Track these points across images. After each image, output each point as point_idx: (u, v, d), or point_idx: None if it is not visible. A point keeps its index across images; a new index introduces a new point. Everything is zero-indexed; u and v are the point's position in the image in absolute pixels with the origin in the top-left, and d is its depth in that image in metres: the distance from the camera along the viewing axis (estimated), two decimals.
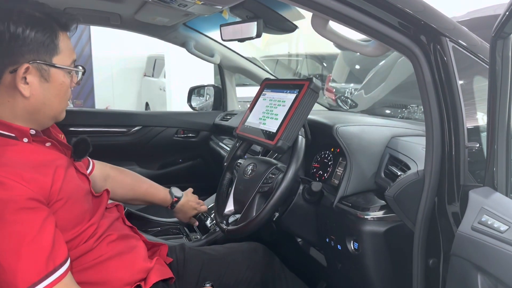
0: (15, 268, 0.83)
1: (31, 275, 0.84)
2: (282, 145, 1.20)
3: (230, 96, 2.70)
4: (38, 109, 0.96)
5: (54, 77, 0.95)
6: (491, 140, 0.93)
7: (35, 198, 0.88)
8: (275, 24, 1.47)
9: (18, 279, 0.83)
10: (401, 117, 1.99)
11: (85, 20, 2.06)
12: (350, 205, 1.21)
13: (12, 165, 0.88)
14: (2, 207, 0.83)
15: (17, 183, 0.85)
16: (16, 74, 0.89)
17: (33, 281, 0.84)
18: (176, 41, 2.36)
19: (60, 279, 0.87)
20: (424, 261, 1.07)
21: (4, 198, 0.84)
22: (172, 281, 1.20)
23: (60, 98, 0.99)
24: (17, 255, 0.83)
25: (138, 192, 1.51)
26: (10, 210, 0.84)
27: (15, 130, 0.95)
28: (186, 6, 1.45)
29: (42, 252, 0.86)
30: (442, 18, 1.03)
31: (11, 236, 0.84)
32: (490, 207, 0.91)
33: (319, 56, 7.52)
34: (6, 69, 0.89)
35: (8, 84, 0.91)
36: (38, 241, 0.86)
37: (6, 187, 0.84)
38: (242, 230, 1.25)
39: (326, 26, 1.10)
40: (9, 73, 0.90)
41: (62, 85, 0.98)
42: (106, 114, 2.60)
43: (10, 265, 0.83)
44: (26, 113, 0.95)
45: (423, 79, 1.02)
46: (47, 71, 0.94)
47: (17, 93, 0.92)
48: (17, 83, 0.90)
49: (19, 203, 0.85)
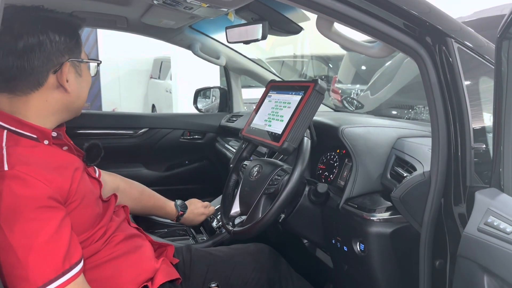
0: (32, 264, 0.84)
1: (48, 272, 0.85)
2: (287, 147, 1.20)
3: (235, 97, 2.71)
4: (71, 104, 1.03)
5: (84, 71, 1.06)
6: (497, 141, 0.93)
7: (55, 198, 0.89)
8: (280, 26, 1.48)
9: (35, 275, 0.84)
10: (407, 118, 1.99)
11: (92, 23, 2.08)
12: (356, 207, 1.21)
13: (34, 164, 0.90)
14: (23, 203, 0.85)
15: (39, 181, 0.87)
16: (61, 73, 0.98)
17: (50, 278, 0.85)
18: (182, 43, 2.37)
19: (75, 277, 0.89)
20: (431, 262, 1.07)
21: (25, 195, 0.85)
22: (178, 282, 1.21)
23: (87, 90, 1.09)
24: (35, 252, 0.84)
25: (145, 206, 1.54)
26: (30, 208, 0.85)
27: (37, 132, 0.98)
28: (192, 8, 1.45)
29: (60, 250, 0.87)
30: (448, 19, 1.03)
31: (30, 232, 0.85)
32: (497, 208, 0.90)
33: (325, 57, 7.51)
34: (50, 71, 0.97)
35: (51, 86, 0.98)
36: (56, 239, 0.87)
37: (28, 184, 0.86)
38: (248, 232, 1.26)
39: (331, 28, 1.10)
40: (52, 74, 0.97)
41: (89, 78, 1.09)
42: (113, 116, 2.62)
43: (27, 261, 0.84)
44: (59, 109, 1.01)
45: (428, 80, 1.02)
46: (79, 66, 1.03)
47: (57, 92, 0.99)
48: (62, 81, 0.98)
49: (39, 201, 0.86)
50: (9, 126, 0.95)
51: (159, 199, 1.59)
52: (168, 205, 1.60)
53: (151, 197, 1.57)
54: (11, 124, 0.95)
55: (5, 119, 0.95)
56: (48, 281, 0.85)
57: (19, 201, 0.85)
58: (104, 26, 2.23)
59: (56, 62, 0.97)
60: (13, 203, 0.84)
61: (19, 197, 0.85)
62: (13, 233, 0.84)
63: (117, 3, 1.75)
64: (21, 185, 0.85)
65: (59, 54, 0.97)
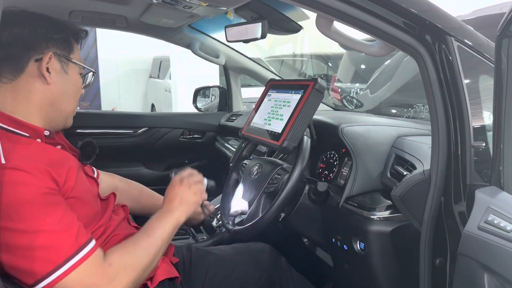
0: (47, 244, 0.85)
1: (64, 250, 0.86)
2: (287, 146, 1.20)
3: (235, 97, 2.71)
4: (55, 100, 1.03)
5: (71, 71, 1.06)
6: (497, 139, 0.93)
7: (53, 187, 0.90)
8: (279, 25, 1.48)
9: (52, 254, 0.85)
10: (407, 116, 1.99)
11: (91, 22, 2.07)
12: (356, 205, 1.21)
13: (29, 158, 0.90)
14: (27, 192, 0.85)
15: (37, 172, 0.88)
16: (42, 61, 0.99)
17: (68, 254, 0.86)
18: (182, 42, 2.37)
19: (92, 251, 0.90)
20: (431, 260, 1.07)
21: (27, 183, 0.86)
22: (178, 280, 1.21)
23: (74, 94, 1.08)
24: (48, 233, 0.85)
25: (145, 205, 1.54)
26: (34, 195, 0.86)
27: (29, 130, 0.98)
28: (191, 8, 1.45)
29: (72, 229, 0.89)
30: (447, 18, 1.03)
31: (40, 216, 0.86)
32: (497, 206, 0.90)
33: (324, 56, 7.52)
34: (31, 58, 0.99)
35: (31, 73, 0.99)
36: (67, 217, 0.89)
37: (27, 175, 0.86)
38: (248, 231, 1.26)
39: (331, 27, 1.10)
40: (34, 61, 0.99)
41: (76, 82, 1.08)
42: (112, 115, 2.62)
43: (41, 243, 0.85)
44: (44, 104, 1.01)
45: (428, 78, 1.02)
46: (66, 64, 1.05)
47: (39, 82, 1.00)
48: (42, 68, 0.99)
49: (41, 189, 0.87)
50: (1, 124, 0.95)
51: (158, 199, 1.59)
52: None
53: (150, 197, 1.57)
54: (3, 122, 0.96)
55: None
56: (67, 257, 0.86)
57: (22, 190, 0.85)
58: (103, 26, 2.23)
59: (39, 51, 1.00)
60: (17, 194, 0.85)
61: (22, 186, 0.85)
62: (23, 221, 0.84)
63: (116, 2, 1.75)
64: (21, 176, 0.86)
65: (44, 44, 1.00)
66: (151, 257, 1.01)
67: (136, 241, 1.01)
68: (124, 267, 0.94)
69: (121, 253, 0.96)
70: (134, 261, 0.97)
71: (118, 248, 0.98)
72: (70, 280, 0.86)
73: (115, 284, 0.92)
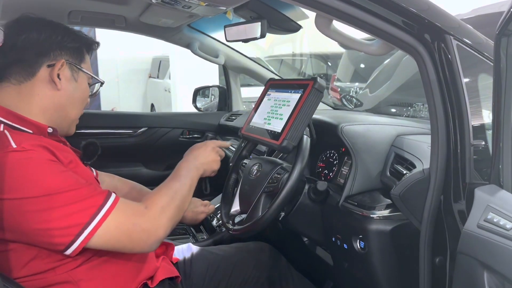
0: (71, 207, 0.88)
1: (94, 200, 0.91)
2: (287, 145, 1.21)
3: (235, 96, 2.71)
4: (61, 106, 1.05)
5: (81, 79, 1.09)
6: (497, 137, 0.93)
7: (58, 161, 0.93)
8: (279, 24, 1.48)
9: (78, 216, 0.88)
10: (407, 115, 1.99)
11: (91, 22, 2.07)
12: (356, 204, 1.22)
13: (36, 144, 0.92)
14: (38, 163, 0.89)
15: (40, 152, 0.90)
16: (54, 67, 1.02)
17: (99, 203, 0.91)
18: (181, 42, 2.37)
19: (116, 202, 0.94)
20: (431, 259, 1.07)
21: (37, 157, 0.89)
22: (178, 280, 1.21)
23: (80, 102, 1.11)
24: (69, 196, 0.88)
25: None
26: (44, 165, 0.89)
27: (33, 126, 0.99)
28: (191, 7, 1.45)
29: (91, 185, 0.94)
30: (446, 17, 1.03)
31: (55, 180, 0.89)
32: (496, 204, 0.90)
33: (324, 56, 7.53)
34: (44, 63, 1.02)
35: (42, 78, 1.02)
36: (79, 179, 0.93)
37: (36, 150, 0.90)
38: (248, 230, 1.26)
39: (330, 26, 1.10)
40: (46, 67, 1.02)
41: (84, 91, 1.11)
42: (112, 115, 2.62)
43: (67, 206, 0.88)
44: (49, 108, 1.03)
45: (427, 77, 1.02)
46: (77, 72, 1.08)
47: (48, 87, 1.03)
48: (53, 74, 1.02)
49: (50, 157, 0.91)
50: (5, 120, 0.96)
51: None
52: None
53: None
54: (7, 118, 0.97)
55: (1, 113, 0.97)
56: (99, 206, 0.90)
57: (34, 163, 0.88)
58: (103, 26, 2.23)
59: (52, 58, 1.02)
60: (29, 169, 0.87)
61: (28, 160, 0.88)
62: (39, 188, 0.86)
63: (115, 3, 1.75)
64: (31, 153, 0.89)
65: (58, 52, 1.03)
66: (182, 198, 1.09)
67: (167, 186, 1.10)
68: (161, 207, 1.01)
69: (156, 197, 1.04)
70: (169, 202, 1.04)
71: (152, 194, 1.06)
72: (109, 225, 0.90)
73: (157, 223, 0.99)
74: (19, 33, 1.01)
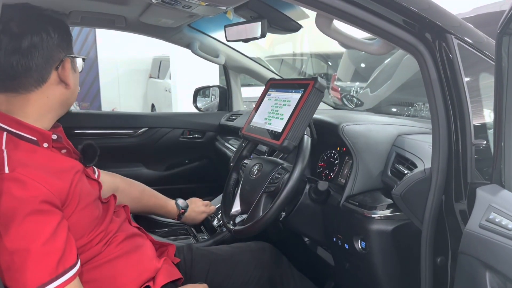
0: (26, 267, 0.84)
1: (42, 275, 0.85)
2: (288, 145, 1.20)
3: (235, 96, 2.70)
4: (67, 99, 1.05)
5: (77, 67, 1.08)
6: (498, 137, 0.93)
7: (52, 202, 0.89)
8: (279, 24, 1.47)
9: (28, 278, 0.84)
10: (407, 115, 1.98)
11: (91, 23, 2.07)
12: (357, 204, 1.21)
13: (34, 166, 0.90)
14: (20, 206, 0.85)
15: (38, 184, 0.87)
16: (64, 69, 1.01)
17: (43, 281, 0.85)
18: (181, 42, 2.36)
19: (69, 281, 0.88)
20: (432, 259, 1.07)
21: (23, 197, 0.85)
22: (180, 281, 1.21)
23: (78, 86, 1.10)
24: (30, 255, 0.84)
25: (146, 205, 1.54)
26: (27, 210, 0.85)
27: (37, 134, 0.97)
28: (191, 7, 1.45)
29: (55, 254, 0.87)
30: (447, 16, 1.03)
31: (25, 235, 0.85)
32: (498, 204, 0.90)
33: (324, 55, 7.52)
34: (52, 67, 1.00)
35: (53, 81, 1.00)
36: (52, 242, 0.87)
37: (27, 186, 0.86)
38: (249, 230, 1.26)
39: (331, 25, 1.09)
40: (54, 70, 1.00)
41: (79, 74, 1.10)
42: (112, 116, 2.61)
43: (22, 264, 0.84)
44: (56, 105, 1.02)
45: (428, 77, 1.02)
46: (74, 62, 1.06)
47: (59, 88, 1.02)
48: (64, 76, 1.01)
49: (36, 204, 0.86)
50: (9, 128, 0.94)
51: (159, 198, 1.59)
52: (169, 204, 1.60)
53: (151, 196, 1.57)
54: (11, 126, 0.95)
55: (4, 120, 0.95)
56: (41, 284, 0.85)
57: (17, 203, 0.84)
58: (103, 26, 2.23)
59: (56, 58, 1.00)
60: (10, 206, 0.84)
61: (17, 199, 0.85)
62: (8, 236, 0.83)
63: (115, 3, 1.75)
64: (20, 187, 0.85)
65: (58, 50, 1.00)
66: None
67: None
68: None
69: None
70: None
71: None
72: None
73: None
74: (22, 38, 0.95)
